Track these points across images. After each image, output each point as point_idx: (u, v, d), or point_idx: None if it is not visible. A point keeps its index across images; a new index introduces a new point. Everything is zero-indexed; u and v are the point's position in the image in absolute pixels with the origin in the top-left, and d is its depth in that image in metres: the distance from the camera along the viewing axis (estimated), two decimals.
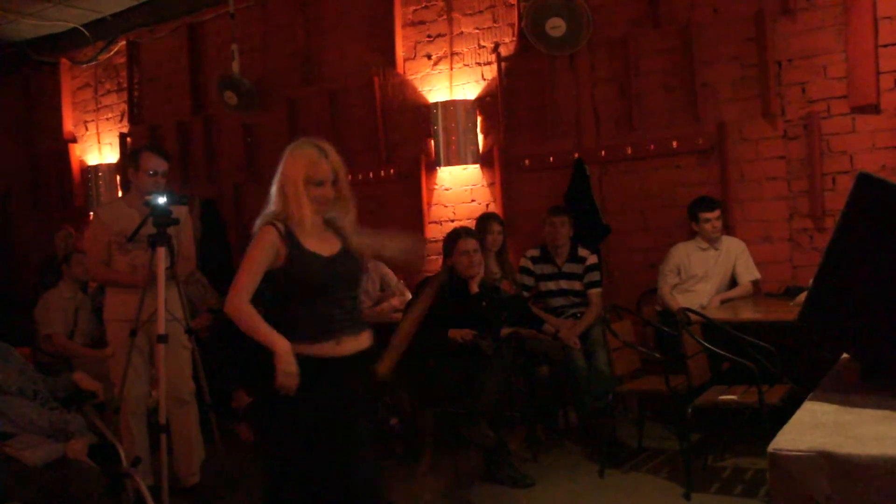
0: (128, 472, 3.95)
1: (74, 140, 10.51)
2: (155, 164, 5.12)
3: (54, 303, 6.61)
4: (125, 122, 9.99)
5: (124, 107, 9.98)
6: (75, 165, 10.41)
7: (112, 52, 9.95)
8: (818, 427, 2.08)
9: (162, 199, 4.84)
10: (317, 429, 3.28)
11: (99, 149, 10.28)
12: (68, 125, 10.56)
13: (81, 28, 9.58)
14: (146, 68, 9.79)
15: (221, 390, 5.90)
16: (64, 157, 10.47)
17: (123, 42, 9.79)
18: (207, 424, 5.20)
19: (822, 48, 6.02)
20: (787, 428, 2.08)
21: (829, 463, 1.87)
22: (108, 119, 10.21)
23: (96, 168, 10.04)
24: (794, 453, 1.91)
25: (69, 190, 10.46)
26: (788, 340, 4.94)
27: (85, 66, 10.26)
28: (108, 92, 10.18)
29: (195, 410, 5.16)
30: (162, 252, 4.79)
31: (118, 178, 9.91)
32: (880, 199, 2.30)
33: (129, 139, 9.90)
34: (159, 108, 9.67)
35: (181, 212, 5.06)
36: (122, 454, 4.00)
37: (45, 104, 10.73)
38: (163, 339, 4.75)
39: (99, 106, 10.30)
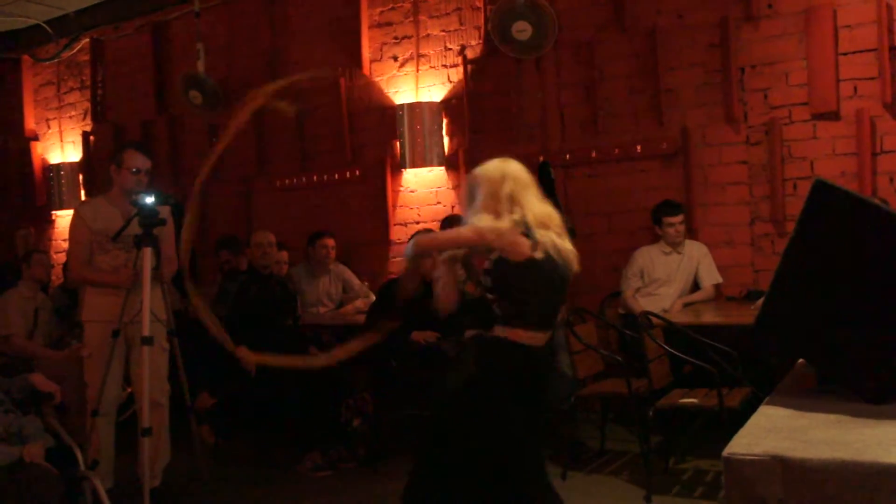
0: (85, 475, 3.90)
1: (36, 138, 10.39)
2: (139, 161, 5.05)
3: (13, 303, 6.52)
4: (88, 120, 9.89)
5: (87, 105, 9.88)
6: (37, 164, 10.28)
7: (75, 50, 9.84)
8: (772, 431, 2.10)
9: (150, 199, 4.76)
10: None
11: (61, 147, 10.16)
12: (30, 123, 10.43)
13: (44, 25, 9.45)
14: (110, 66, 9.70)
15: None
16: (25, 155, 10.34)
17: (87, 40, 9.69)
18: (186, 426, 5.14)
19: (784, 55, 6.09)
20: (742, 432, 2.10)
21: (782, 467, 1.89)
22: (70, 117, 10.10)
23: (58, 167, 9.93)
24: (747, 457, 1.93)
25: (30, 189, 10.33)
26: (749, 344, 4.98)
27: (48, 63, 10.13)
28: (72, 90, 10.07)
29: (166, 413, 5.09)
30: (148, 253, 4.73)
31: (81, 176, 9.82)
32: (836, 206, 2.34)
33: (92, 138, 9.81)
34: (123, 106, 9.58)
35: (164, 212, 4.99)
36: (80, 457, 3.95)
37: (7, 101, 10.58)
38: (147, 341, 4.66)
39: (62, 104, 10.19)
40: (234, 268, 7.30)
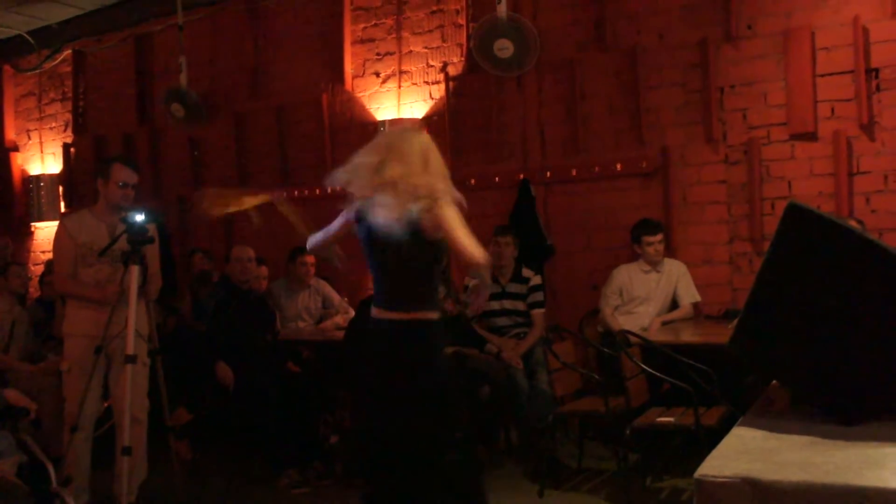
0: (57, 491, 3.87)
1: (16, 149, 10.33)
2: (126, 175, 5.02)
3: None
4: (69, 132, 9.84)
5: (69, 116, 9.84)
6: (16, 175, 10.22)
7: (57, 61, 9.79)
8: (745, 453, 2.11)
9: (139, 217, 4.74)
10: None
11: (42, 158, 10.11)
12: (10, 133, 10.38)
13: (26, 35, 9.41)
14: (92, 78, 9.67)
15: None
16: (5, 165, 10.27)
17: (69, 51, 9.66)
18: (163, 442, 5.10)
19: (763, 76, 6.14)
20: (714, 454, 2.11)
21: (753, 489, 1.89)
22: (51, 128, 10.05)
23: (38, 178, 9.88)
24: (718, 479, 1.93)
25: (9, 200, 10.26)
26: (726, 363, 4.99)
27: (29, 73, 10.08)
28: (53, 101, 10.03)
29: (145, 430, 5.04)
30: (135, 270, 4.70)
31: (61, 188, 9.76)
32: (809, 228, 2.35)
33: (72, 150, 9.76)
34: (104, 118, 9.55)
35: (151, 230, 4.95)
36: (52, 473, 3.92)
37: None
38: (131, 359, 4.62)
39: (42, 115, 10.14)
40: (205, 270, 7.28)
